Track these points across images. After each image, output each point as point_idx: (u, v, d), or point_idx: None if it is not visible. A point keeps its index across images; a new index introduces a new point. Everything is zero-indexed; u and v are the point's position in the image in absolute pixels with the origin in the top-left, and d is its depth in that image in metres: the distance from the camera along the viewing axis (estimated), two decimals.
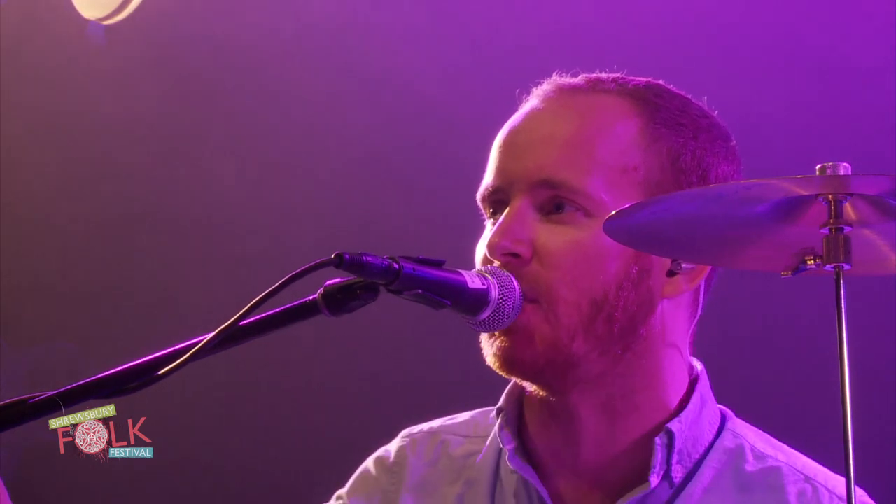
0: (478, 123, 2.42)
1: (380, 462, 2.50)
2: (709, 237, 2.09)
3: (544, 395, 2.33)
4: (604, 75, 2.40)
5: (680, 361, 2.35)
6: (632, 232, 2.09)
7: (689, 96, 2.41)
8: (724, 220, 2.04)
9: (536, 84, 2.41)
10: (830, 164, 1.97)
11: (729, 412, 2.41)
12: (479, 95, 2.45)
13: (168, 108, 4.79)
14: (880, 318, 3.94)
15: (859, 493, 2.30)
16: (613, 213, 2.04)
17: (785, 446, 2.40)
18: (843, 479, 2.15)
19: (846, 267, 1.97)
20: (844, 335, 1.95)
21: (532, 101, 2.39)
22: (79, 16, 4.80)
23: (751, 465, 2.35)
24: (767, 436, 2.41)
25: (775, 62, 4.12)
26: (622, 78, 2.39)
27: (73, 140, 4.88)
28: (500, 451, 2.41)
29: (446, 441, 2.47)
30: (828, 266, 1.98)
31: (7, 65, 4.87)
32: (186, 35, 4.75)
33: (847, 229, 1.98)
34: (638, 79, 2.39)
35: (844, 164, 1.96)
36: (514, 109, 2.42)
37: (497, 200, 2.35)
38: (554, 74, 2.42)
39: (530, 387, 2.34)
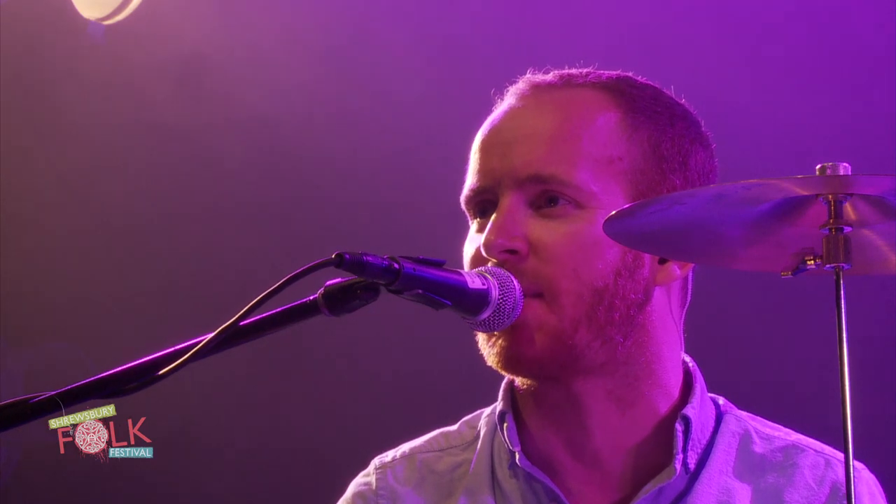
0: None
1: (362, 497, 2.46)
2: (709, 237, 2.09)
3: (547, 389, 2.33)
4: (574, 71, 2.42)
5: (676, 349, 2.38)
6: (632, 232, 2.09)
7: (659, 86, 2.42)
8: (724, 220, 2.04)
9: (511, 83, 2.42)
10: (830, 164, 1.97)
11: (722, 399, 2.44)
12: (480, 94, 2.44)
13: (168, 107, 4.78)
14: (880, 318, 3.94)
15: (859, 467, 2.33)
16: (613, 213, 2.04)
17: (783, 427, 2.43)
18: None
19: (846, 267, 1.97)
20: (844, 335, 1.95)
21: (508, 101, 2.40)
22: (79, 16, 4.80)
23: (759, 447, 2.37)
24: (763, 419, 2.44)
25: (776, 62, 4.12)
26: (593, 72, 2.41)
27: (72, 140, 4.88)
28: (491, 457, 2.41)
29: (424, 460, 2.46)
30: (828, 266, 1.98)
31: (7, 65, 4.87)
32: (186, 34, 4.75)
33: (847, 229, 1.98)
34: (608, 72, 2.41)
35: (844, 164, 1.97)
36: None
37: (483, 201, 2.35)
38: (528, 73, 2.43)
39: (530, 383, 2.34)
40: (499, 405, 2.41)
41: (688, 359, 2.41)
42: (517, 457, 2.35)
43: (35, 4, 4.86)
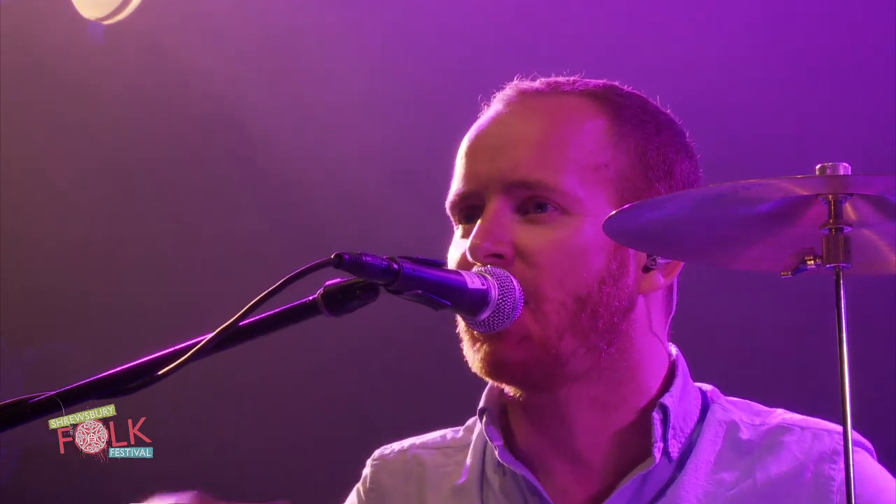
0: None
1: (357, 493, 2.52)
2: (709, 237, 2.09)
3: (531, 397, 2.34)
4: (561, 79, 2.42)
5: (661, 353, 2.39)
6: (632, 232, 2.09)
7: (644, 95, 2.43)
8: (723, 220, 2.04)
9: (498, 89, 2.43)
10: (830, 164, 1.97)
11: (711, 388, 2.44)
12: (480, 93, 2.45)
13: (168, 108, 4.79)
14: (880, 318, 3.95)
15: (856, 438, 2.33)
16: (613, 213, 2.05)
17: (772, 409, 2.43)
18: (836, 424, 2.28)
19: (846, 267, 1.98)
20: (844, 335, 1.95)
21: (495, 107, 2.40)
22: (79, 16, 4.80)
23: (745, 433, 2.37)
24: (751, 402, 2.45)
25: (775, 62, 4.12)
26: (580, 80, 2.42)
27: (72, 140, 4.88)
28: (483, 455, 2.43)
29: (417, 454, 2.48)
30: (828, 266, 1.98)
31: (7, 65, 4.87)
32: (186, 34, 4.75)
33: (847, 229, 1.98)
34: (595, 80, 2.42)
35: (844, 164, 1.97)
36: None
37: (469, 206, 2.36)
38: (515, 79, 2.43)
39: (515, 391, 2.35)
40: (482, 402, 2.43)
41: (673, 349, 2.42)
42: (497, 451, 2.36)
43: (35, 4, 4.86)
